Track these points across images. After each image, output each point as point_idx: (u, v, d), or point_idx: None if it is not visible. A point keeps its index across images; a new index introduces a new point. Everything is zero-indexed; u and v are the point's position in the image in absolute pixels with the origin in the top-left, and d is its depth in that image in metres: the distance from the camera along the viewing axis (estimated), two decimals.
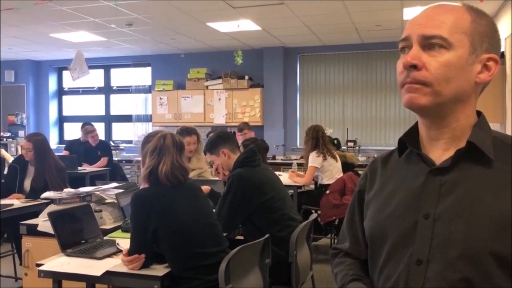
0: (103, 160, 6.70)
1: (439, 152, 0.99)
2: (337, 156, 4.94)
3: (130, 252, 2.06)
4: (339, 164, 4.91)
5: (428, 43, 0.94)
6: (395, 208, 1.00)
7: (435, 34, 0.93)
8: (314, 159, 4.79)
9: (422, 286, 0.92)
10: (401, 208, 0.99)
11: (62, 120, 9.89)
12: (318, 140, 4.83)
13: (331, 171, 4.81)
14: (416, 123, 1.06)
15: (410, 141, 1.04)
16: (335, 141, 5.90)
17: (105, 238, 2.58)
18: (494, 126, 5.01)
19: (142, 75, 9.16)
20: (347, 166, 5.07)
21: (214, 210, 2.59)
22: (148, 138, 2.29)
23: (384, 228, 1.01)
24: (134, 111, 9.25)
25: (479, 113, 1.02)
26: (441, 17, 0.95)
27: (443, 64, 0.93)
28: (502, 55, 5.04)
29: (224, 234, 2.40)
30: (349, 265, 1.16)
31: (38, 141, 4.13)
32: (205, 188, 3.04)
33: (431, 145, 1.01)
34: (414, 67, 0.94)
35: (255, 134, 6.07)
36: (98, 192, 3.11)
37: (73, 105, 9.85)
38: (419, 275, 0.93)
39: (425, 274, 0.92)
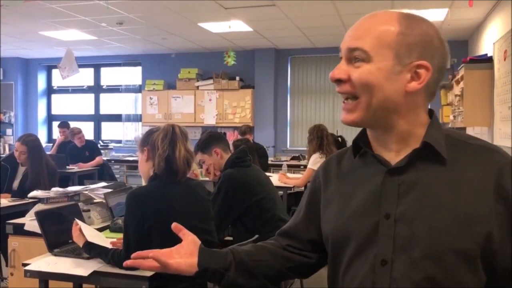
0: (98, 159, 6.65)
1: (393, 154, 1.00)
2: None
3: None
4: None
5: (352, 56, 0.97)
6: (356, 209, 1.01)
7: (357, 47, 0.96)
8: (315, 161, 4.73)
9: (388, 286, 0.93)
10: (362, 209, 1.00)
11: (51, 119, 9.80)
12: (322, 139, 4.76)
13: None
14: None
15: (363, 142, 1.06)
16: (340, 139, 5.77)
17: None
18: (482, 130, 5.07)
19: (132, 75, 9.12)
20: None
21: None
22: (150, 132, 2.27)
23: (346, 230, 1.01)
24: (124, 111, 9.21)
25: (431, 112, 1.03)
26: (366, 30, 0.97)
27: (363, 75, 0.95)
28: (490, 60, 5.10)
29: None
30: (252, 245, 1.19)
31: (32, 143, 4.09)
32: None
33: (381, 146, 1.03)
34: (340, 80, 0.98)
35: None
36: (86, 192, 3.09)
37: (62, 104, 9.78)
38: (385, 275, 0.94)
39: (390, 274, 0.93)
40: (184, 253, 1.09)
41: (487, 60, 5.14)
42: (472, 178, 0.92)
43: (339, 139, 5.78)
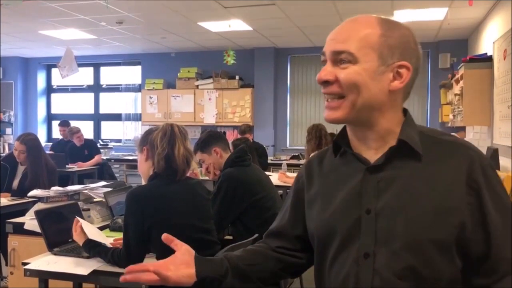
0: (97, 158, 6.66)
1: (372, 152, 1.06)
2: None
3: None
4: None
5: (338, 58, 1.01)
6: (338, 206, 1.06)
7: (343, 50, 1.00)
8: None
9: (372, 277, 0.99)
10: (344, 206, 1.05)
11: (50, 118, 9.80)
12: (321, 139, 4.81)
13: None
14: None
15: (343, 142, 1.11)
16: None
17: None
18: (482, 129, 5.07)
19: (132, 74, 9.12)
20: None
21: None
22: (149, 131, 2.27)
23: (330, 226, 1.06)
24: (124, 110, 9.20)
25: (405, 111, 1.08)
26: (350, 33, 1.02)
27: (350, 76, 1.00)
28: (490, 59, 5.10)
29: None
30: (244, 250, 1.22)
31: (31, 142, 4.08)
32: None
33: (361, 145, 1.07)
34: (327, 82, 1.02)
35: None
36: (86, 191, 3.09)
37: (62, 103, 9.77)
38: (368, 268, 0.99)
39: (373, 266, 0.99)
40: (180, 264, 1.10)
41: (487, 59, 5.14)
42: (445, 172, 0.99)
43: None
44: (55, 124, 9.69)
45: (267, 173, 3.78)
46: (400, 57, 1.01)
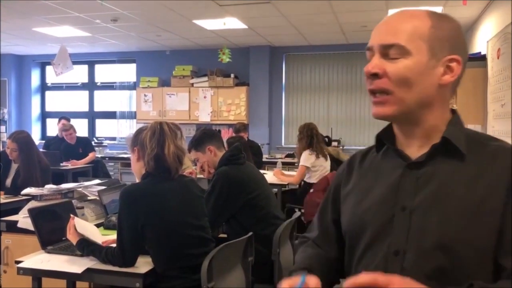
0: (92, 155, 6.63)
1: (415, 148, 1.03)
2: (327, 155, 5.00)
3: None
4: (328, 163, 4.99)
5: (388, 52, 0.97)
6: (373, 201, 1.03)
7: (393, 43, 0.96)
8: (306, 158, 4.84)
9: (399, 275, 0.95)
10: (379, 201, 1.02)
11: (44, 115, 9.76)
12: (312, 138, 4.87)
13: (321, 171, 4.88)
14: None
15: (386, 138, 1.08)
16: (326, 139, 5.94)
17: None
18: (476, 128, 5.10)
19: (127, 72, 9.09)
20: (338, 163, 5.12)
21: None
22: (139, 131, 2.26)
23: (362, 221, 1.04)
24: (118, 108, 9.17)
25: (454, 111, 1.05)
26: (399, 26, 0.98)
27: (401, 70, 0.96)
28: (484, 58, 5.13)
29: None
30: (310, 254, 1.17)
31: (23, 140, 4.06)
32: None
33: (406, 141, 1.04)
34: (375, 75, 0.98)
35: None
36: (80, 189, 3.08)
37: (56, 101, 9.73)
38: (396, 265, 0.96)
39: (402, 264, 0.95)
40: None
41: (481, 58, 5.16)
42: (487, 175, 0.94)
43: (326, 139, 5.92)
44: (50, 122, 9.66)
45: (262, 171, 3.79)
46: (450, 50, 0.97)
